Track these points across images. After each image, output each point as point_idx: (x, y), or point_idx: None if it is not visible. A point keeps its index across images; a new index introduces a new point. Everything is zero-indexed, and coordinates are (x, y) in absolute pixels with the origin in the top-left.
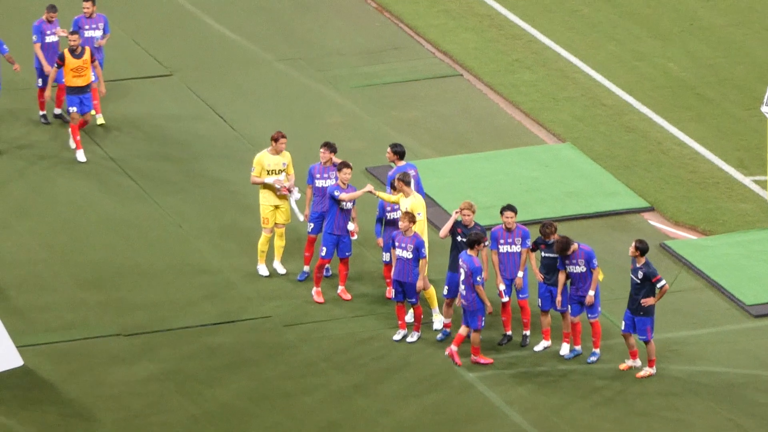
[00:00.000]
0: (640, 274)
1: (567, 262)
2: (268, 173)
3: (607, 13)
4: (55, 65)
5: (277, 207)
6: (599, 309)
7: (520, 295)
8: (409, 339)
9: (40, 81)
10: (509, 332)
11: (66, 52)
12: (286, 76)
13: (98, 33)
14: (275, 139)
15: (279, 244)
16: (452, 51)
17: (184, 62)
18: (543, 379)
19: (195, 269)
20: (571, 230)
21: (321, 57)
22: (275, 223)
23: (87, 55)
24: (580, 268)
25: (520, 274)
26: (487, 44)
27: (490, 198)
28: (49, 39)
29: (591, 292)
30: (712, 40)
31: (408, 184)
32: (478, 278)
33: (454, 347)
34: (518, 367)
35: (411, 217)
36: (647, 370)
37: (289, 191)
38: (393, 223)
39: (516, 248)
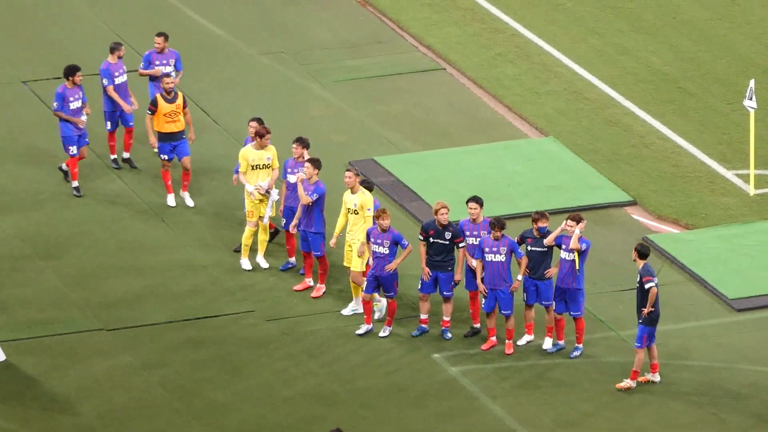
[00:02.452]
0: (638, 277)
1: (563, 246)
2: (253, 168)
3: (590, 6)
4: (148, 111)
5: (261, 201)
6: (583, 307)
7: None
8: (381, 333)
9: (108, 124)
10: (477, 325)
11: (158, 96)
12: (269, 69)
13: (169, 69)
14: (260, 135)
15: (262, 238)
16: (435, 45)
17: None
18: (526, 374)
19: (178, 264)
20: (554, 224)
21: (304, 50)
22: (259, 217)
23: (180, 100)
24: (570, 257)
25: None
26: (470, 38)
27: (473, 191)
28: (118, 80)
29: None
30: (695, 34)
31: (358, 175)
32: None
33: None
34: (501, 361)
35: (381, 212)
36: (627, 382)
37: (268, 192)
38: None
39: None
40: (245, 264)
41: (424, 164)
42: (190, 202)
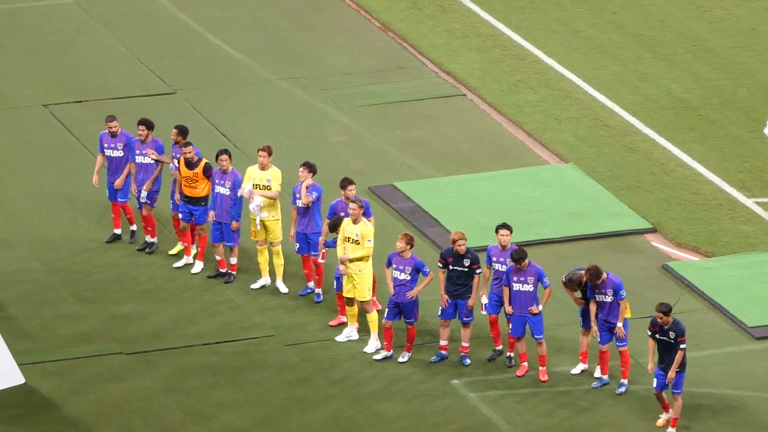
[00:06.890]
0: (672, 334)
1: (597, 291)
2: (254, 187)
3: (611, 34)
4: (177, 171)
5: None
6: (627, 338)
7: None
8: (400, 359)
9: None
10: (499, 347)
11: (182, 158)
12: (289, 94)
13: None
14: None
15: (278, 262)
16: (456, 71)
17: (187, 80)
18: (547, 401)
19: (196, 287)
20: (573, 251)
21: (324, 76)
22: (270, 242)
23: (200, 169)
24: (608, 298)
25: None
26: (491, 64)
27: (492, 218)
28: (109, 152)
29: (619, 324)
30: (716, 62)
31: (362, 207)
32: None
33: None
34: (522, 388)
35: (409, 239)
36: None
37: (251, 197)
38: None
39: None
40: (262, 281)
41: (444, 190)
42: (197, 269)
